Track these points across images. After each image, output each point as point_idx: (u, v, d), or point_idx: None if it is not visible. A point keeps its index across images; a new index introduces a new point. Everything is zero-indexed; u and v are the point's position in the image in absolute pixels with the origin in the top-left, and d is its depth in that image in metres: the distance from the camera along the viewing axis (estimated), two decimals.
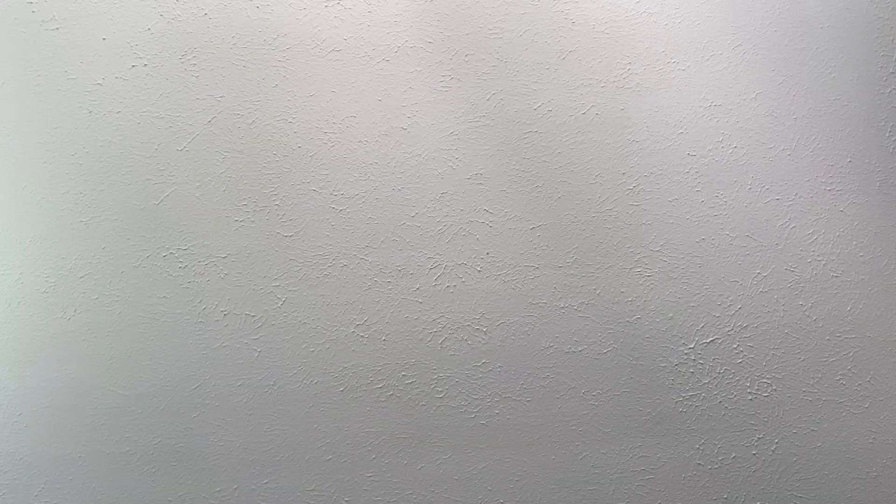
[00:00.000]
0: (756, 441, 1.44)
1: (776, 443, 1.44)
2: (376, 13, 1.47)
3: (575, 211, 1.46)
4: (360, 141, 1.45)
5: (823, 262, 1.47)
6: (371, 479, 1.41)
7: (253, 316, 1.41)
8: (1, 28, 1.44)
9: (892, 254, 1.49)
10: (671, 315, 1.45)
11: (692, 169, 1.48)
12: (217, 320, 1.41)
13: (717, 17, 1.51)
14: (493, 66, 1.48)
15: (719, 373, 1.44)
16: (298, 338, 1.41)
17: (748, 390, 1.44)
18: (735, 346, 1.45)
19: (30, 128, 1.42)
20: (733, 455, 1.43)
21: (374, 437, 1.41)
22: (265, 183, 1.43)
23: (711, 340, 1.45)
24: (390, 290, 1.43)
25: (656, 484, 1.42)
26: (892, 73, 1.53)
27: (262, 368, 1.40)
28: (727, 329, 1.45)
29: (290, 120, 1.45)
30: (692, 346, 1.45)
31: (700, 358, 1.44)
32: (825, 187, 1.49)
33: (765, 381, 1.44)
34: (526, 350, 1.43)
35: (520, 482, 1.42)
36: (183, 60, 1.45)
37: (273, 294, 1.42)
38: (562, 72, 1.48)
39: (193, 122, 1.44)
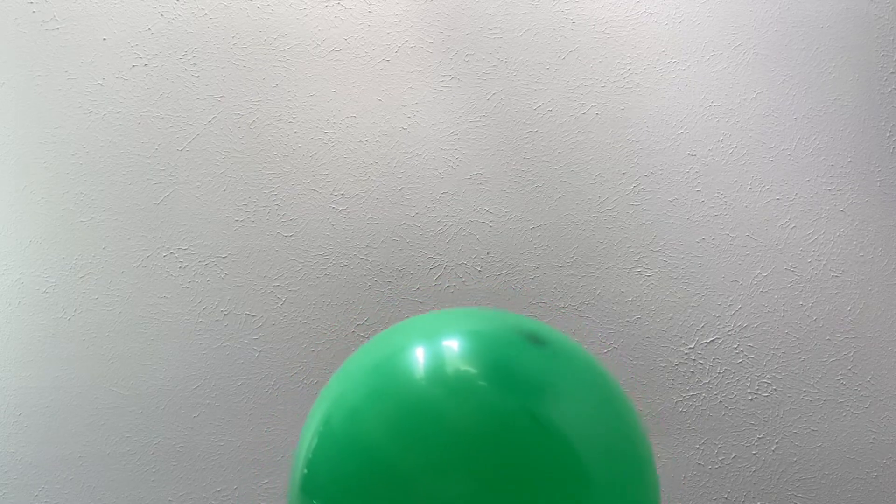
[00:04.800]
0: (756, 441, 1.44)
1: (776, 443, 1.44)
2: (376, 13, 1.47)
3: (575, 211, 1.46)
4: (360, 141, 1.45)
5: (823, 262, 1.47)
6: None
7: (253, 316, 1.41)
8: (1, 28, 1.44)
9: (892, 254, 1.48)
10: (671, 315, 1.45)
11: (692, 169, 1.48)
12: (217, 320, 1.41)
13: (717, 17, 1.51)
14: (493, 66, 1.48)
15: (719, 373, 1.44)
16: (298, 338, 1.41)
17: (748, 390, 1.44)
18: (735, 346, 1.45)
19: (30, 128, 1.42)
20: (733, 455, 1.43)
21: None
22: (265, 183, 1.43)
23: (712, 340, 1.45)
24: (390, 290, 1.43)
25: None
26: (892, 73, 1.53)
27: (262, 368, 1.40)
28: (727, 329, 1.45)
29: (290, 120, 1.45)
30: (692, 346, 1.45)
31: (700, 358, 1.44)
32: (825, 187, 1.49)
33: (765, 381, 1.44)
34: None
35: None
36: (183, 60, 1.45)
37: (273, 294, 1.42)
38: (562, 72, 1.48)
39: (193, 122, 1.44)
